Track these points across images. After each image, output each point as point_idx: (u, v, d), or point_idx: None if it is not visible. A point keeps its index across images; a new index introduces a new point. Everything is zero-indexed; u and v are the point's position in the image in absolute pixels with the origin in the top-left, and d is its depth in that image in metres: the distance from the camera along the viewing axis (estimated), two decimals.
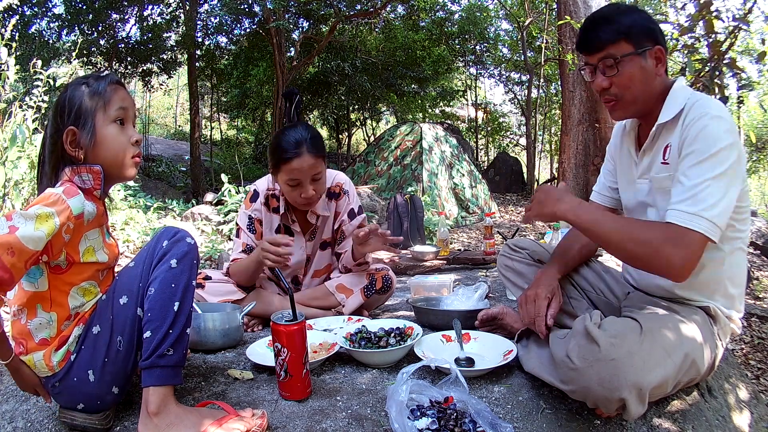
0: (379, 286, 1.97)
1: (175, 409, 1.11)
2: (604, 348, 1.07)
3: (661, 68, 1.31)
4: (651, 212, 1.39)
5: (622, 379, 1.03)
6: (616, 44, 1.28)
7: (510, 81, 14.68)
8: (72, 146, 1.14)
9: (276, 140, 1.80)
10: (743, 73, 3.32)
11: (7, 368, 1.12)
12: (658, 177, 1.32)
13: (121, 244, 4.05)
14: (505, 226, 7.39)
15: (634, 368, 1.05)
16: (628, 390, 1.03)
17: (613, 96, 1.33)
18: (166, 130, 20.13)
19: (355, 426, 1.17)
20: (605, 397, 1.05)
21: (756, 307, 4.06)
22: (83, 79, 1.18)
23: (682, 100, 1.28)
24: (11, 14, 7.14)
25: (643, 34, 1.28)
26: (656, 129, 1.32)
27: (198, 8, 10.21)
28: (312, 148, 1.75)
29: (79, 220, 1.10)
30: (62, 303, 1.14)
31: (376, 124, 16.25)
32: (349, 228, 2.00)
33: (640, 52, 1.28)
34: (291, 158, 1.73)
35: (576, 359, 1.09)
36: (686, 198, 1.16)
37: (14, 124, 3.08)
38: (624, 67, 1.29)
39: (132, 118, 1.22)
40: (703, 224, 1.13)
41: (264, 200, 1.95)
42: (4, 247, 0.97)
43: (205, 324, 1.62)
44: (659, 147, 1.33)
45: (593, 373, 1.06)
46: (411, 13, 12.23)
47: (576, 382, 1.09)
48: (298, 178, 1.75)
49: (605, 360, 1.05)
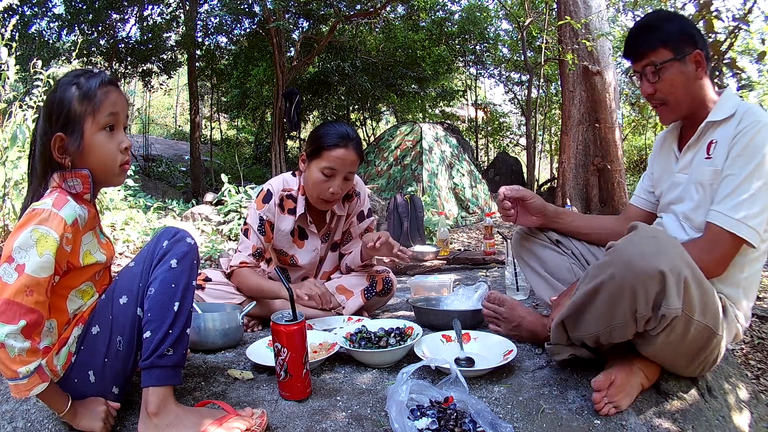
0: (380, 289, 1.97)
1: (174, 409, 1.11)
2: (642, 228, 1.13)
3: (701, 72, 1.36)
4: (680, 206, 1.42)
5: (662, 253, 1.07)
6: (656, 52, 1.35)
7: (510, 81, 14.66)
8: (59, 152, 1.11)
9: (322, 128, 1.81)
10: (743, 73, 3.32)
11: (65, 419, 1.11)
12: (700, 169, 1.36)
13: (121, 244, 4.05)
14: (505, 226, 7.39)
15: (672, 249, 1.09)
16: (667, 264, 1.05)
17: (659, 101, 1.40)
18: (166, 130, 20.12)
19: (355, 426, 1.17)
20: (645, 272, 1.06)
21: (756, 307, 4.06)
22: (74, 78, 1.13)
23: (734, 104, 1.33)
24: (11, 14, 7.16)
25: (682, 40, 1.34)
26: (705, 125, 1.36)
27: (198, 8, 10.21)
28: (357, 145, 1.79)
29: (75, 227, 1.09)
30: (61, 308, 1.14)
31: (376, 124, 16.24)
32: (357, 230, 2.00)
33: (679, 58, 1.33)
34: (338, 146, 1.75)
35: (617, 242, 1.12)
36: (732, 202, 1.23)
37: (14, 124, 3.09)
38: (665, 74, 1.35)
39: (123, 122, 1.18)
40: (745, 231, 1.21)
41: (278, 201, 1.90)
42: (21, 292, 0.98)
43: (205, 324, 1.62)
44: (704, 143, 1.37)
45: (634, 247, 1.09)
46: (411, 13, 12.22)
47: (614, 262, 1.10)
48: (336, 168, 1.76)
49: (647, 236, 1.10)
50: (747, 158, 1.24)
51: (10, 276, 0.99)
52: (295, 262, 1.99)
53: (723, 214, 1.24)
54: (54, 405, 1.08)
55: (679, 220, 1.42)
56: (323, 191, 1.79)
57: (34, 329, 1.00)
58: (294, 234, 1.95)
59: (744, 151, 1.25)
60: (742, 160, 1.25)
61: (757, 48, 5.63)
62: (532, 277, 1.70)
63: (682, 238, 1.38)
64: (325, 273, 2.07)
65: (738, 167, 1.25)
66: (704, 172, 1.34)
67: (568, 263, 1.62)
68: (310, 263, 2.00)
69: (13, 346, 0.97)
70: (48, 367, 1.10)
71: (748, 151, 1.24)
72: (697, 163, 1.38)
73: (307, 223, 1.94)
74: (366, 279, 1.98)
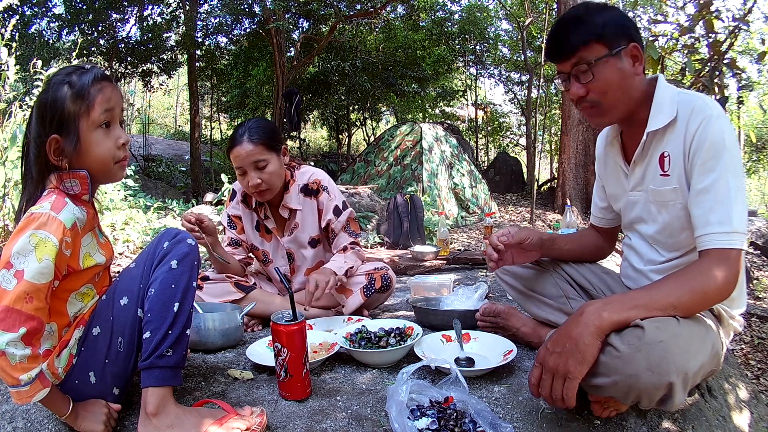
0: (379, 286, 1.97)
1: (174, 409, 1.11)
2: (649, 331, 0.98)
3: (639, 67, 1.22)
4: (643, 227, 1.35)
5: (671, 362, 0.96)
6: (588, 47, 1.19)
7: (510, 81, 14.67)
8: (56, 155, 1.09)
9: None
10: (743, 73, 3.33)
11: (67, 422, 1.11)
12: (658, 190, 1.26)
13: (121, 244, 4.05)
14: (505, 226, 7.39)
15: (680, 350, 0.98)
16: (676, 374, 0.97)
17: (591, 103, 1.25)
18: (166, 130, 20.12)
19: (355, 426, 1.17)
20: (653, 384, 0.97)
21: (756, 307, 4.07)
22: (66, 77, 1.09)
23: (672, 104, 1.21)
24: (11, 14, 7.16)
25: (616, 33, 1.19)
26: (647, 138, 1.25)
27: (198, 8, 10.21)
28: (253, 136, 1.82)
29: (74, 230, 1.08)
30: (61, 311, 1.14)
31: (376, 124, 16.24)
32: (338, 224, 2.02)
33: (614, 53, 1.19)
34: (232, 146, 1.84)
35: (621, 345, 0.99)
36: (717, 216, 1.11)
37: (14, 124, 3.09)
38: (599, 72, 1.20)
39: (119, 117, 1.16)
40: (740, 239, 1.10)
41: (241, 198, 2.06)
42: (21, 299, 0.97)
43: (205, 324, 1.62)
44: (653, 156, 1.26)
45: (641, 357, 0.97)
46: (411, 13, 12.23)
47: (621, 370, 0.99)
48: (240, 165, 1.84)
49: (654, 342, 0.97)
50: (713, 162, 1.13)
51: (9, 282, 0.97)
52: (267, 257, 2.08)
53: (716, 233, 1.11)
54: (55, 409, 1.08)
55: (649, 243, 1.35)
56: (246, 187, 1.89)
57: (34, 336, 1.00)
58: (260, 229, 2.06)
59: (707, 158, 1.13)
60: (709, 165, 1.13)
61: (757, 48, 5.64)
62: (517, 297, 1.63)
63: (657, 259, 1.32)
64: (308, 270, 2.09)
65: (708, 177, 1.13)
66: (663, 193, 1.24)
67: (552, 278, 1.56)
68: (282, 258, 2.07)
69: (14, 354, 0.96)
70: (49, 370, 1.10)
71: (710, 153, 1.13)
72: (650, 179, 1.27)
73: (262, 217, 2.03)
74: (364, 277, 1.99)
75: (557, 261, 1.58)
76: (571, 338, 1.03)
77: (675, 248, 1.29)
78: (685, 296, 1.07)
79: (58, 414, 1.08)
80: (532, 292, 1.58)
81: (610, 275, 1.55)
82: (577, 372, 1.01)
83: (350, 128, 15.42)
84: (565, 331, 1.05)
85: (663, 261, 1.32)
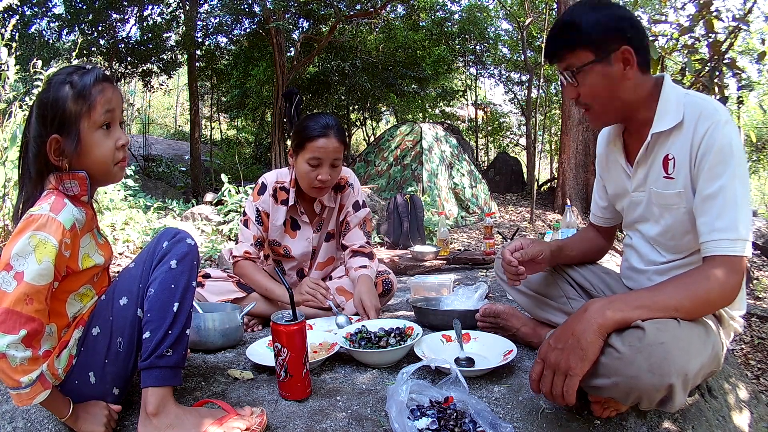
0: (380, 290, 1.98)
1: (174, 409, 1.11)
2: (650, 332, 0.98)
3: (630, 70, 1.20)
4: (645, 227, 1.35)
5: (671, 363, 0.96)
6: (574, 53, 1.20)
7: (510, 81, 14.68)
8: (56, 155, 1.08)
9: (304, 122, 1.88)
10: (743, 73, 3.33)
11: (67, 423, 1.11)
12: (661, 192, 1.25)
13: (120, 244, 4.05)
14: (505, 226, 7.39)
15: (681, 351, 0.98)
16: (677, 375, 0.97)
17: (584, 106, 1.27)
18: (166, 130, 20.13)
19: (355, 426, 1.17)
20: (653, 386, 0.97)
21: (756, 307, 4.07)
22: (67, 76, 1.09)
23: (678, 106, 1.20)
24: (11, 14, 7.15)
25: (606, 37, 1.18)
26: (651, 139, 1.24)
27: (198, 8, 10.22)
28: (338, 133, 1.85)
29: (74, 231, 1.08)
30: (60, 312, 1.13)
31: (376, 124, 16.25)
32: (354, 219, 2.05)
33: (600, 60, 1.18)
34: (318, 137, 1.82)
35: (621, 346, 0.99)
36: (723, 223, 1.11)
37: (14, 124, 3.09)
38: (585, 78, 1.21)
39: (119, 118, 1.15)
40: (745, 247, 1.10)
41: (272, 192, 1.99)
42: (20, 301, 0.96)
43: (205, 324, 1.62)
44: (657, 158, 1.25)
45: (642, 359, 0.97)
46: (411, 13, 12.23)
47: (622, 371, 0.99)
48: (320, 157, 1.82)
49: (655, 344, 0.97)
50: (721, 168, 1.12)
51: (8, 284, 0.97)
52: (288, 252, 2.05)
53: (722, 240, 1.11)
54: (56, 410, 1.07)
55: (650, 243, 1.35)
56: (312, 180, 1.86)
57: (34, 338, 0.99)
58: (286, 224, 2.02)
59: (715, 164, 1.12)
60: (716, 171, 1.12)
61: (757, 48, 5.64)
62: (515, 295, 1.64)
63: (658, 260, 1.32)
64: (319, 264, 2.09)
65: (715, 183, 1.12)
66: (666, 196, 1.23)
67: (553, 279, 1.56)
68: (303, 254, 2.05)
69: (14, 356, 0.96)
70: (49, 371, 1.10)
71: (718, 159, 1.12)
72: (653, 180, 1.26)
73: (298, 213, 2.00)
74: None
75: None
76: (574, 335, 1.03)
77: (676, 250, 1.29)
78: (688, 300, 1.07)
79: (59, 415, 1.08)
80: (532, 292, 1.59)
81: (610, 275, 1.55)
82: (578, 369, 1.01)
83: (350, 128, 15.43)
84: (568, 327, 1.05)
85: (664, 262, 1.32)
